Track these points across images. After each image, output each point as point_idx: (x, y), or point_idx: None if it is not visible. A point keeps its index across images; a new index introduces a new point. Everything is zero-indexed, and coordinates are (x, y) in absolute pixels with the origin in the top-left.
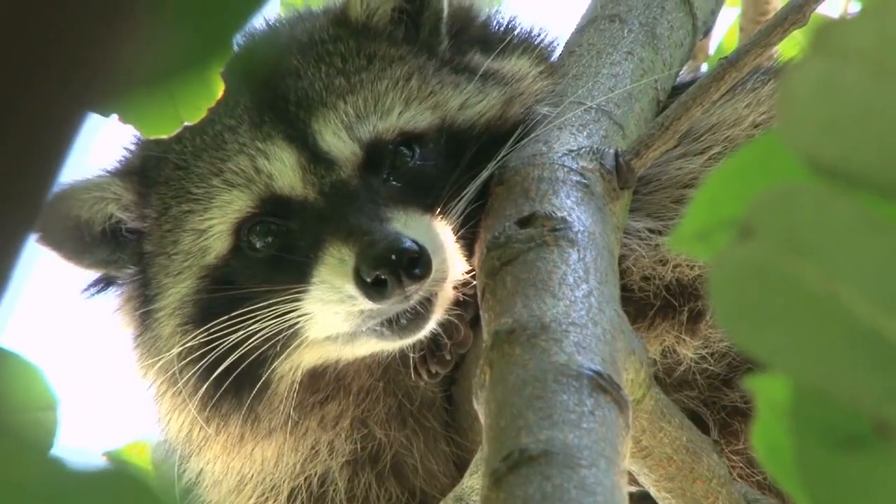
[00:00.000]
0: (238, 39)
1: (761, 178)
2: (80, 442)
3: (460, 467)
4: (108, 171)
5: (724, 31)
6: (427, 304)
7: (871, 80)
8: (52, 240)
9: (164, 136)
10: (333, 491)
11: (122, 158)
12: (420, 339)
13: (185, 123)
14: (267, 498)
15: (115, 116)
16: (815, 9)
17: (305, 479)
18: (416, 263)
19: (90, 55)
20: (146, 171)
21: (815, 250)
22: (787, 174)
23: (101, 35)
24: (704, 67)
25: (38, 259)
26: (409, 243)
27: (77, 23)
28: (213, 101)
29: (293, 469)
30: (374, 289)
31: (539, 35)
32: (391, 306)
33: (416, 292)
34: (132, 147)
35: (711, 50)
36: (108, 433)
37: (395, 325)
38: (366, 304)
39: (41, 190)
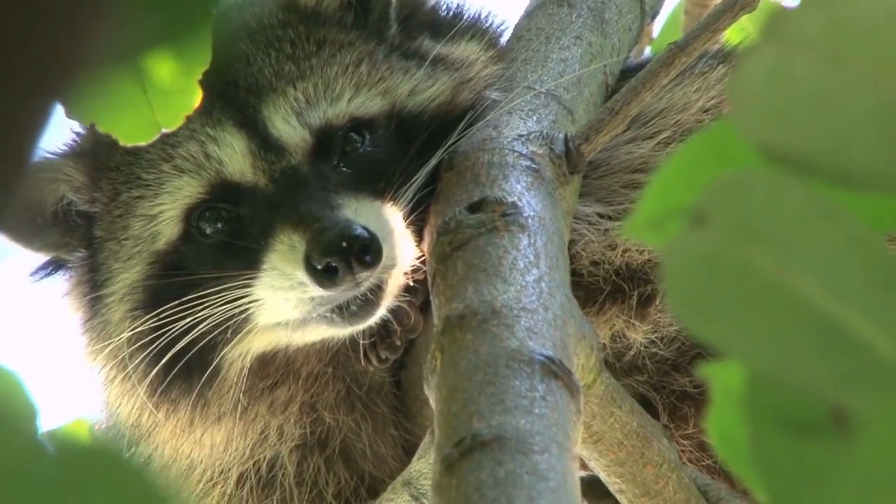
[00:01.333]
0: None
1: (714, 165)
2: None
3: (409, 451)
4: (59, 153)
5: (668, 15)
6: (377, 290)
7: (822, 68)
8: (2, 222)
9: (143, 143)
10: (282, 475)
11: (73, 141)
12: (370, 325)
13: (164, 130)
14: (216, 483)
15: (92, 123)
16: None
17: (254, 463)
18: (366, 250)
19: (57, 45)
20: (97, 156)
21: (768, 237)
22: (740, 162)
23: (68, 25)
24: (648, 51)
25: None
26: (359, 230)
27: (42, 12)
28: (191, 109)
29: (242, 453)
30: (324, 276)
31: (488, 19)
32: (342, 293)
33: (366, 279)
34: (82, 130)
35: (655, 33)
36: (48, 412)
37: (345, 311)
38: (316, 291)
39: (7, 188)
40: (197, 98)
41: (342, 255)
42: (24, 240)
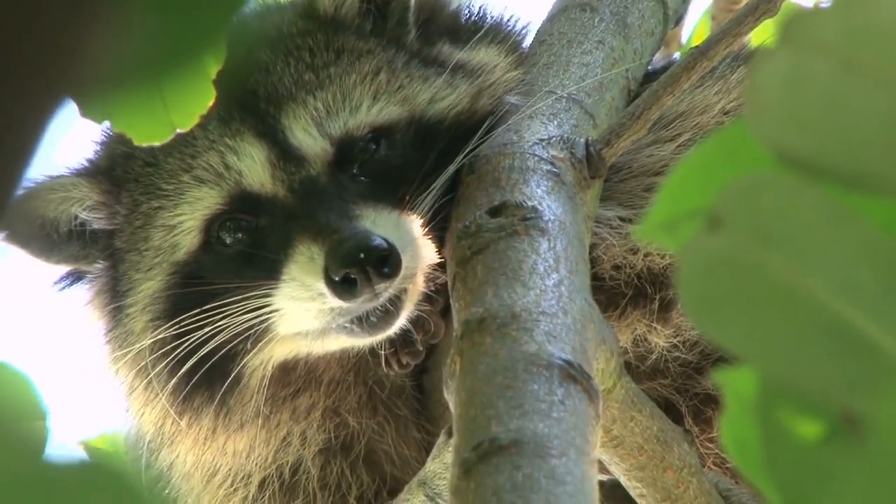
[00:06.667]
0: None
1: (729, 168)
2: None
3: None
4: (74, 170)
5: (697, 20)
6: (397, 300)
7: (838, 72)
8: (18, 238)
9: (157, 143)
10: (306, 479)
11: (90, 157)
12: (390, 335)
13: (178, 130)
14: (237, 488)
15: (107, 123)
16: None
17: (277, 468)
18: (385, 262)
19: (56, 47)
20: (114, 169)
21: (783, 241)
22: (755, 165)
23: (66, 27)
24: (677, 56)
25: (7, 257)
26: (378, 241)
27: (39, 13)
28: (205, 108)
29: (265, 459)
30: (343, 287)
31: (509, 23)
32: (361, 304)
33: (385, 290)
34: (100, 144)
35: (684, 38)
36: (83, 423)
37: (364, 322)
38: (335, 303)
39: (8, 186)
40: (211, 98)
41: (360, 267)
42: (42, 255)
